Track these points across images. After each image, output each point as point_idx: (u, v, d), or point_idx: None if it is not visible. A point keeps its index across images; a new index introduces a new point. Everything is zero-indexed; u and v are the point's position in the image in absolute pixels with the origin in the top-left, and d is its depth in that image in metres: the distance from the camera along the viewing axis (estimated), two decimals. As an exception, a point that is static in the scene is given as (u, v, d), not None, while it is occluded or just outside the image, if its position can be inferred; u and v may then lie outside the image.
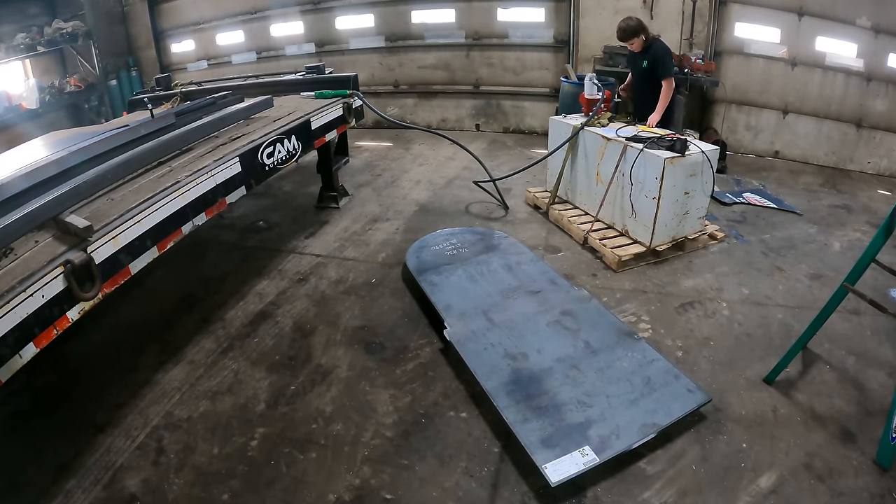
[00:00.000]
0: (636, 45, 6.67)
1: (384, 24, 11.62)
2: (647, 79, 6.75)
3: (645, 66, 6.72)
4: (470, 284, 5.35)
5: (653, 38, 6.75)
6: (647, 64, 6.68)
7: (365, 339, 5.02)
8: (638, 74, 6.93)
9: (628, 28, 6.58)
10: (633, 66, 7.11)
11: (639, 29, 6.59)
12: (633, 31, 6.57)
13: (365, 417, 4.12)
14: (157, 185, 4.37)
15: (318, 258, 6.49)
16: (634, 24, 6.58)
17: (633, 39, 6.61)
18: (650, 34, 6.75)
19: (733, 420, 3.97)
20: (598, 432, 3.64)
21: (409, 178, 8.97)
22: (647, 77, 6.73)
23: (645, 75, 6.76)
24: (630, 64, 7.25)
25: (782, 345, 4.53)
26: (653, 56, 6.64)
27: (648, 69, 6.68)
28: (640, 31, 6.60)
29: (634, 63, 6.99)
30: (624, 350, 4.37)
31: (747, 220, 7.09)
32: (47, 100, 11.62)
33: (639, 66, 6.84)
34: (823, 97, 8.86)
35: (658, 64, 6.60)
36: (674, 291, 5.56)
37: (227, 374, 4.66)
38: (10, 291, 3.02)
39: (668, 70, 6.61)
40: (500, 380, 4.07)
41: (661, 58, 6.61)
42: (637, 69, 6.92)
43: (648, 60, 6.67)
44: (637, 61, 6.87)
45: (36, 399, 4.52)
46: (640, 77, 6.92)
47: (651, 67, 6.65)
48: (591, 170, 6.67)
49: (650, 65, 6.66)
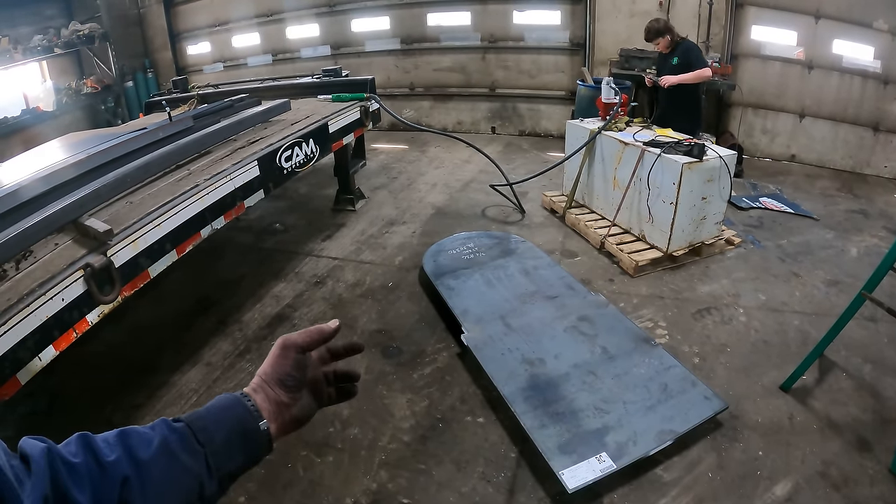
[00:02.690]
0: (662, 44, 6.70)
1: (400, 26, 11.65)
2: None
3: (675, 64, 6.72)
4: (487, 289, 5.35)
5: (680, 38, 6.78)
6: (678, 61, 6.69)
7: (382, 342, 5.03)
8: (667, 74, 6.89)
9: (654, 28, 6.63)
10: (661, 66, 7.11)
11: (664, 29, 6.63)
12: (658, 32, 6.61)
13: (382, 421, 4.14)
14: (175, 188, 4.39)
15: (335, 261, 6.51)
16: (661, 24, 6.64)
17: (659, 39, 6.65)
18: (676, 34, 6.77)
19: (749, 427, 3.95)
20: (615, 439, 3.63)
21: (425, 181, 8.97)
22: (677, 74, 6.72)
23: (674, 72, 6.74)
24: (659, 64, 7.24)
25: (799, 352, 4.49)
26: (683, 52, 6.67)
27: (679, 65, 6.69)
28: (666, 31, 6.64)
29: (663, 63, 7.00)
30: (641, 356, 4.35)
31: (764, 224, 7.04)
32: (64, 101, 11.73)
33: (668, 64, 6.85)
34: (840, 100, 8.79)
35: (691, 57, 6.64)
36: (690, 297, 5.54)
37: (245, 376, 4.67)
38: (30, 294, 3.04)
39: (702, 61, 6.68)
40: (518, 385, 4.07)
41: (693, 50, 6.70)
42: (667, 68, 6.90)
43: (679, 57, 6.69)
44: (666, 61, 6.90)
45: (52, 400, 4.56)
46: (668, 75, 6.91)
47: (682, 62, 6.66)
48: (608, 174, 6.66)
49: (681, 60, 6.67)
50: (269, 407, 1.10)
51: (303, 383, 1.15)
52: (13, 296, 3.03)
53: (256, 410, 1.08)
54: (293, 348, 1.14)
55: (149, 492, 0.93)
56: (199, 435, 1.01)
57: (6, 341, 2.85)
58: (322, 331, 1.17)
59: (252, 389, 1.12)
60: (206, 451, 1.00)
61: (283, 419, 1.12)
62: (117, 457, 0.93)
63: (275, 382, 1.12)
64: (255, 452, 1.07)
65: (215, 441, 1.02)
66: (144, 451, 0.95)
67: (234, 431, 1.05)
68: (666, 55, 6.86)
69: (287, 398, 1.12)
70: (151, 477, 0.94)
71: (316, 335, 1.17)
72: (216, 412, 1.07)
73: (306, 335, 1.16)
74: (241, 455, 1.05)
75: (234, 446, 1.04)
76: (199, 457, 1.00)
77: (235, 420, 1.06)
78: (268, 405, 1.10)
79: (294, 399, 1.14)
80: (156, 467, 0.95)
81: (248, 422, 1.07)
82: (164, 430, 1.00)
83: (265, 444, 1.09)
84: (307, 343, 1.16)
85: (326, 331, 1.18)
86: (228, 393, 1.11)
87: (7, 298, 3.00)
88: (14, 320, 2.89)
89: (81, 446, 0.93)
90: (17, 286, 3.13)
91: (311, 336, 1.16)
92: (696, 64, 6.60)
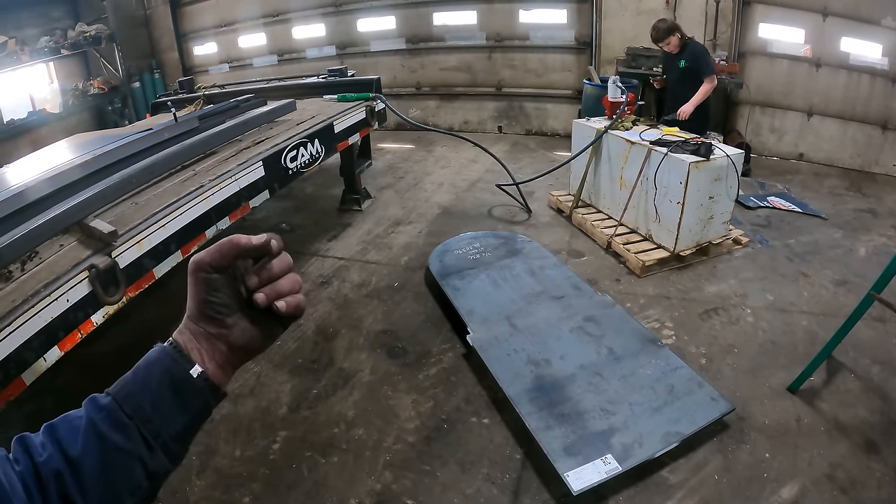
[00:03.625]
0: (672, 44, 6.63)
1: (406, 25, 11.62)
2: (684, 79, 6.72)
3: (683, 66, 6.68)
4: (493, 289, 5.33)
5: (688, 38, 6.72)
6: (686, 63, 6.64)
7: (387, 343, 5.03)
8: (675, 75, 6.87)
9: (662, 28, 6.56)
10: (668, 66, 7.06)
11: (673, 28, 6.57)
12: (667, 31, 6.55)
13: (387, 422, 4.13)
14: (181, 189, 4.39)
15: (341, 261, 6.51)
16: (669, 24, 6.59)
17: (669, 39, 6.58)
18: (684, 34, 6.72)
19: (756, 429, 3.92)
20: (620, 440, 3.61)
21: (431, 181, 8.96)
22: (684, 77, 6.70)
23: (683, 75, 6.72)
24: (665, 65, 7.20)
25: (807, 353, 4.46)
26: (692, 55, 6.61)
27: (687, 69, 6.65)
28: (675, 30, 6.58)
29: (670, 64, 6.94)
30: (647, 357, 4.33)
31: (772, 224, 6.99)
32: (71, 103, 11.74)
33: (675, 66, 6.80)
34: (848, 99, 8.71)
35: (700, 62, 6.59)
36: (698, 297, 5.51)
37: (250, 376, 4.68)
38: (34, 295, 3.04)
39: (710, 67, 6.61)
40: (523, 386, 4.05)
41: (702, 55, 6.62)
42: (674, 69, 6.87)
43: (687, 60, 6.64)
44: (673, 62, 6.83)
45: (58, 400, 4.50)
46: (677, 77, 6.87)
47: (691, 66, 6.62)
48: (615, 173, 6.63)
49: (689, 64, 6.62)
50: (199, 346, 0.97)
51: (228, 307, 0.98)
52: (18, 297, 3.04)
53: (182, 356, 0.95)
54: (201, 269, 0.95)
55: (85, 483, 0.84)
56: (124, 406, 0.90)
57: (11, 342, 2.85)
58: (234, 242, 0.95)
59: (178, 332, 0.98)
60: (135, 421, 0.89)
61: (223, 353, 0.98)
62: (49, 454, 0.85)
63: (197, 315, 0.97)
64: (197, 404, 0.95)
65: (143, 408, 0.90)
66: (73, 440, 0.87)
67: (163, 389, 0.92)
68: (673, 56, 6.79)
69: (214, 329, 0.97)
70: (83, 468, 0.85)
71: (227, 247, 0.95)
72: (142, 373, 0.94)
73: (213, 249, 0.95)
74: (180, 412, 0.93)
75: (168, 405, 0.92)
76: (131, 430, 0.88)
77: (162, 374, 0.93)
78: (196, 343, 0.97)
79: (223, 326, 0.98)
80: (86, 456, 0.86)
81: (176, 372, 0.93)
82: (90, 410, 0.91)
83: (207, 390, 0.95)
84: (215, 259, 0.95)
85: (239, 242, 0.95)
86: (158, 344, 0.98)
87: (12, 300, 3.01)
88: (19, 321, 2.89)
89: (21, 451, 0.86)
90: (23, 287, 3.14)
91: (221, 250, 0.95)
92: (704, 70, 6.56)
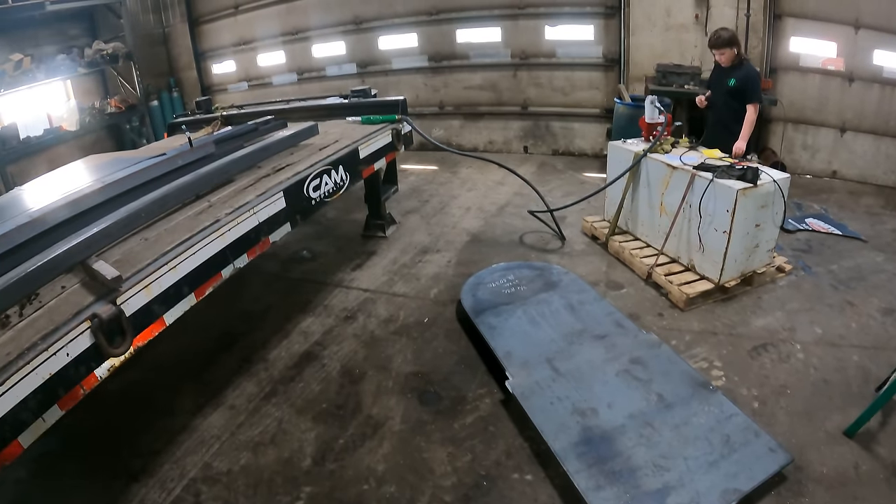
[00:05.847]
0: (726, 57, 6.30)
1: (428, 43, 11.45)
2: (729, 98, 6.39)
3: (732, 85, 6.33)
4: (531, 327, 5.05)
5: (745, 58, 6.42)
6: (736, 83, 6.29)
7: (418, 387, 4.75)
8: (721, 92, 6.53)
9: (723, 37, 6.24)
10: (716, 82, 6.70)
11: (734, 40, 6.25)
12: (726, 41, 6.22)
13: (421, 478, 3.85)
14: (194, 223, 4.11)
15: (366, 293, 6.25)
16: (731, 34, 6.26)
17: (725, 50, 6.25)
18: (742, 52, 6.43)
19: (814, 480, 3.67)
20: (676, 500, 3.36)
21: (458, 205, 8.72)
22: (730, 96, 6.37)
23: (729, 94, 6.39)
24: (713, 79, 6.84)
25: (860, 392, 4.33)
26: (744, 76, 6.27)
27: (735, 88, 6.30)
28: (735, 43, 6.26)
29: (719, 79, 6.58)
30: (700, 403, 4.05)
31: (812, 248, 6.70)
32: (87, 121, 11.64)
33: (724, 83, 6.44)
34: (881, 114, 8.43)
35: (749, 85, 6.24)
36: (745, 332, 5.22)
37: (271, 422, 4.43)
38: (31, 349, 2.80)
39: (757, 94, 6.28)
40: (570, 439, 3.77)
41: (754, 79, 6.27)
42: (721, 86, 6.52)
43: (738, 80, 6.29)
44: (722, 78, 6.48)
45: (66, 440, 4.33)
46: (721, 95, 6.53)
47: (739, 87, 6.27)
48: (655, 200, 6.33)
49: (739, 84, 6.28)
50: None
51: None
52: (14, 349, 2.80)
53: None
54: None
55: None
56: None
57: (6, 402, 2.63)
58: None
59: None
60: None
61: None
62: None
63: None
64: None
65: None
66: None
67: None
68: (723, 71, 6.46)
69: None
70: None
71: None
72: None
73: None
74: None
75: None
76: None
77: None
78: None
79: None
80: None
81: None
82: None
83: None
84: None
85: None
86: None
87: (7, 353, 2.78)
88: (14, 378, 2.67)
89: None
90: (20, 337, 2.91)
91: None
92: (751, 96, 6.22)
